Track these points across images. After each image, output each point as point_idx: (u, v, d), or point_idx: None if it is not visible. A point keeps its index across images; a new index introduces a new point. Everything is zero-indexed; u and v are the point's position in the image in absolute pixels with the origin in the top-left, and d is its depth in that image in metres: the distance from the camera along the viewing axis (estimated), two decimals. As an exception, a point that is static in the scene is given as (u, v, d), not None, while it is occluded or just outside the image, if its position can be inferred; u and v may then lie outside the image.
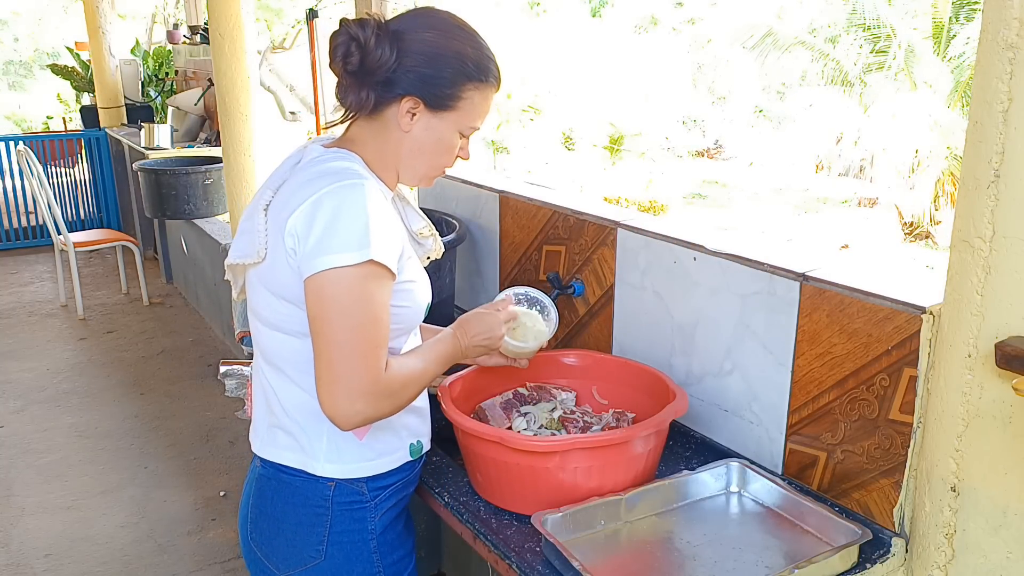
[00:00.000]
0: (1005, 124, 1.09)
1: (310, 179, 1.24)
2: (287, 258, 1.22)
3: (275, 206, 1.27)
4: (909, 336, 1.29)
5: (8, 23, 20.01)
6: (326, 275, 1.18)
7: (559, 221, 2.03)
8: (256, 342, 1.37)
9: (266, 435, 1.38)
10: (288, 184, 1.28)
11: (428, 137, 1.31)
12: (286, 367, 1.32)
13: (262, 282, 1.29)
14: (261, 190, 1.33)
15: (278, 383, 1.34)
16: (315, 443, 1.32)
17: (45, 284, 6.33)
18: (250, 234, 1.29)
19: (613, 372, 1.71)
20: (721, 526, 1.40)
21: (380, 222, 1.21)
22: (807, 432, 1.49)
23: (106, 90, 7.30)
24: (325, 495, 1.33)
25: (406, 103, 1.27)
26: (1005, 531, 1.21)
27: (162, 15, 13.78)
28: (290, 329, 1.28)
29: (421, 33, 1.27)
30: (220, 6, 3.88)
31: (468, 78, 1.29)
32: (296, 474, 1.34)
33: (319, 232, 1.18)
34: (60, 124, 11.16)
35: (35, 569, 2.86)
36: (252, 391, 1.48)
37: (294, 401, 1.32)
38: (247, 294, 1.37)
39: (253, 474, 1.42)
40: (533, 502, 1.38)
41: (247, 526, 1.41)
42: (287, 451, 1.34)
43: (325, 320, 1.19)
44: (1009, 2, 1.06)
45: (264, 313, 1.31)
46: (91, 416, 4.05)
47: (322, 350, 1.19)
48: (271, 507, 1.37)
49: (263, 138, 4.13)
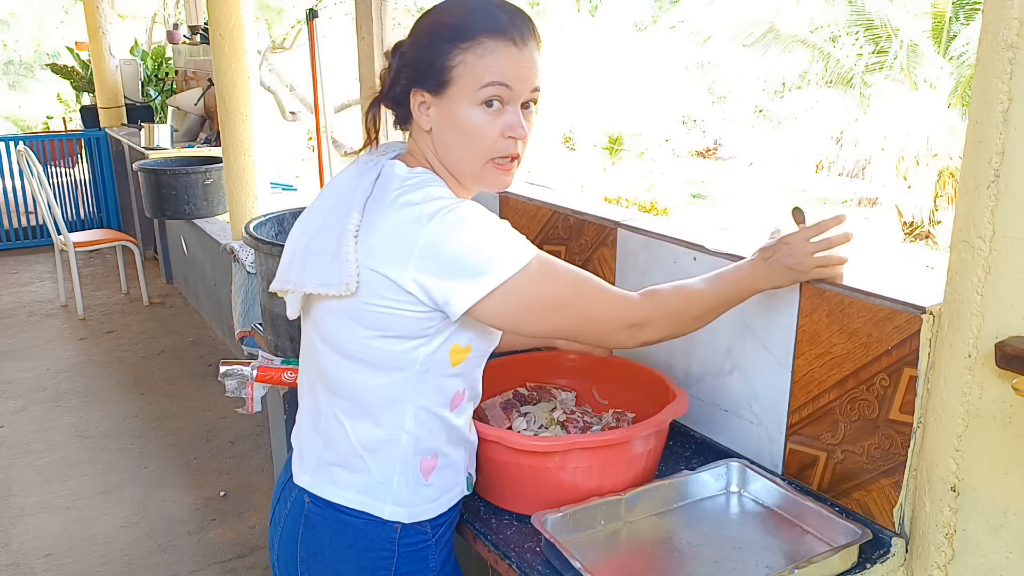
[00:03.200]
0: (1005, 124, 1.09)
1: (407, 217, 1.14)
2: (404, 298, 1.14)
3: (366, 235, 1.16)
4: (909, 336, 1.29)
5: (8, 23, 20.01)
6: (496, 297, 1.13)
7: (559, 221, 2.03)
8: (320, 368, 1.27)
9: (322, 472, 1.29)
10: (376, 213, 1.17)
11: (446, 125, 1.20)
12: (365, 403, 1.24)
13: (351, 316, 1.19)
14: (341, 204, 1.21)
15: (354, 417, 1.25)
16: (384, 485, 1.25)
17: (45, 284, 6.33)
18: (335, 260, 1.16)
19: (613, 372, 1.71)
20: (721, 526, 1.40)
21: (498, 227, 1.16)
22: (807, 432, 1.49)
23: (106, 90, 7.30)
24: (391, 538, 1.27)
25: (415, 99, 1.22)
26: (1005, 531, 1.21)
27: (162, 15, 13.78)
28: (382, 363, 1.20)
29: (414, 30, 1.23)
30: (220, 6, 3.88)
31: (450, 42, 1.16)
32: (359, 515, 1.26)
33: (451, 258, 1.11)
34: (60, 124, 11.17)
35: (35, 569, 2.86)
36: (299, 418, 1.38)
37: (368, 438, 1.25)
38: (315, 318, 1.26)
39: (299, 510, 1.31)
40: (533, 502, 1.38)
41: (295, 565, 1.32)
42: (350, 491, 1.26)
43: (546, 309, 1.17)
44: (1009, 2, 1.06)
45: (346, 345, 1.21)
46: (91, 416, 4.05)
47: (571, 322, 1.21)
48: (329, 549, 1.28)
49: (263, 138, 4.13)
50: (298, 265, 1.24)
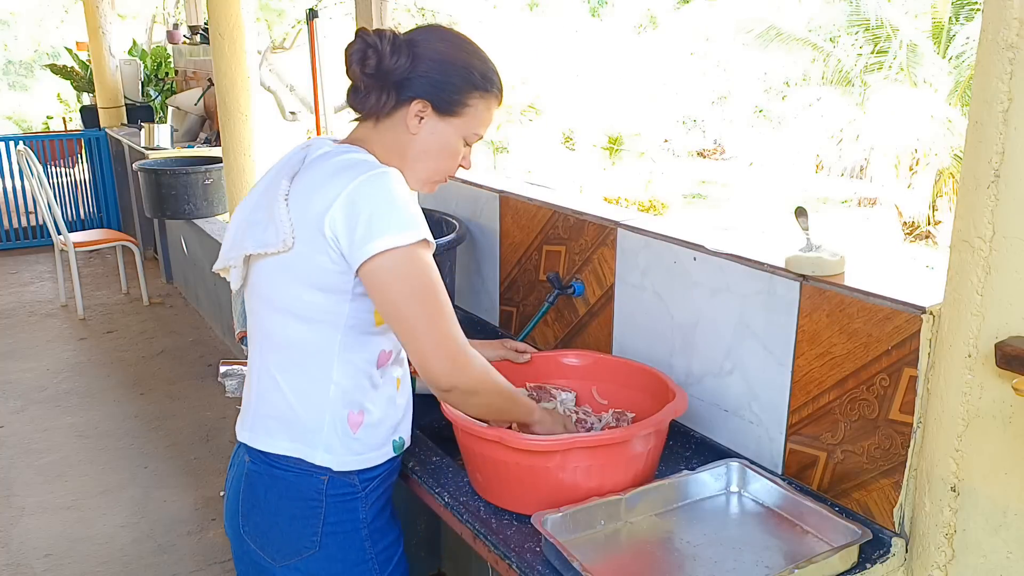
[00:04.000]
0: (1005, 124, 1.09)
1: (336, 170, 1.28)
2: (326, 248, 1.26)
3: (296, 196, 1.29)
4: (909, 336, 1.29)
5: (8, 23, 20.01)
6: (389, 255, 1.23)
7: (559, 221, 2.03)
8: (262, 329, 1.38)
9: (258, 425, 1.40)
10: (306, 176, 1.31)
11: (434, 141, 1.37)
12: (298, 354, 1.34)
13: (286, 271, 1.30)
14: (272, 180, 1.35)
15: (285, 370, 1.36)
16: (314, 433, 1.35)
17: (45, 284, 6.33)
18: (269, 224, 1.30)
19: (613, 372, 1.71)
20: (721, 526, 1.40)
21: (415, 205, 1.27)
22: (807, 432, 1.49)
23: (106, 90, 7.30)
24: (319, 488, 1.37)
25: (415, 106, 1.34)
26: (1005, 531, 1.21)
27: (162, 15, 13.78)
28: (311, 316, 1.31)
29: (433, 43, 1.35)
30: (220, 6, 3.89)
31: (475, 87, 1.36)
32: (289, 468, 1.37)
33: (367, 218, 1.23)
34: (60, 124, 11.17)
35: (35, 569, 2.86)
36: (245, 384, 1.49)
37: (300, 388, 1.35)
38: (255, 283, 1.37)
39: (240, 469, 1.43)
40: (533, 502, 1.38)
41: (238, 520, 1.44)
42: (284, 440, 1.37)
43: (404, 294, 1.24)
44: (1009, 2, 1.06)
45: (283, 301, 1.33)
46: (91, 416, 4.05)
47: (410, 322, 1.25)
48: (264, 502, 1.39)
49: (263, 138, 4.13)
50: (238, 241, 1.37)
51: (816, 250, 1.47)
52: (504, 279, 2.28)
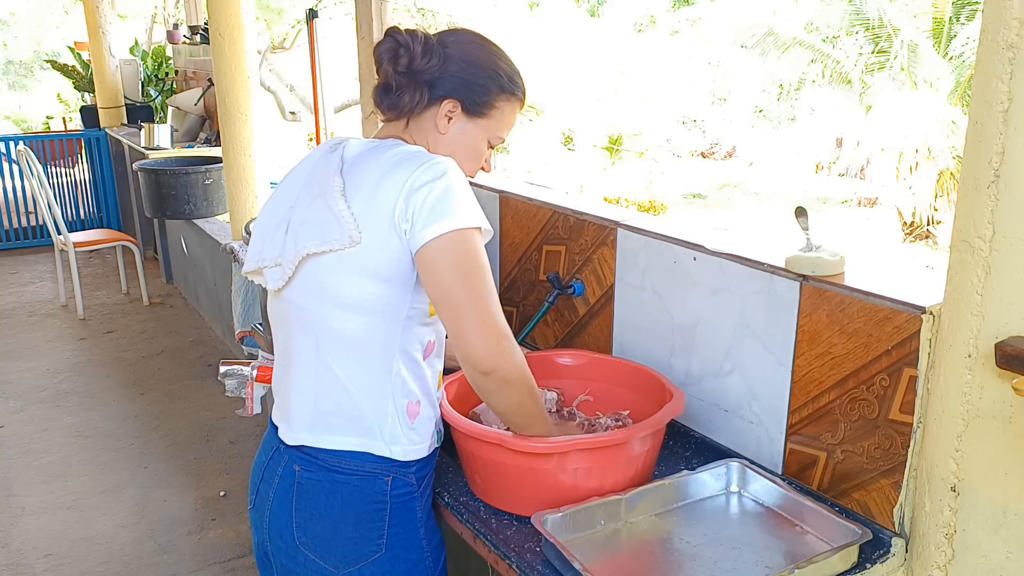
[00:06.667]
0: (1005, 124, 1.09)
1: (396, 162, 1.29)
2: (394, 239, 1.27)
3: (355, 191, 1.29)
4: (909, 336, 1.29)
5: (8, 23, 20.01)
6: (444, 239, 1.24)
7: (559, 221, 2.03)
8: (314, 327, 1.34)
9: (319, 424, 1.37)
10: (361, 171, 1.31)
11: (461, 141, 1.40)
12: (360, 348, 1.33)
13: (350, 265, 1.29)
14: (314, 180, 1.35)
15: (347, 365, 1.34)
16: (380, 426, 1.35)
17: (45, 284, 6.33)
18: (330, 221, 1.29)
19: (610, 372, 1.71)
20: (721, 526, 1.40)
21: (471, 193, 1.30)
22: (807, 432, 1.49)
23: (106, 90, 7.30)
24: (383, 490, 1.36)
25: (446, 105, 1.37)
26: (1005, 531, 1.21)
27: (162, 15, 13.79)
28: (375, 308, 1.31)
29: (463, 45, 1.38)
30: (220, 6, 3.88)
31: (502, 89, 1.40)
32: (352, 472, 1.35)
33: (430, 205, 1.24)
34: (60, 124, 11.16)
35: (35, 569, 2.86)
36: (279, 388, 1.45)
37: (363, 382, 1.34)
38: (306, 282, 1.33)
39: (290, 479, 1.39)
40: (532, 503, 1.37)
41: (291, 530, 1.38)
42: (349, 436, 1.35)
43: (454, 275, 1.25)
44: (1009, 2, 1.06)
45: (347, 296, 1.31)
46: (91, 416, 4.05)
47: (458, 301, 1.25)
48: (326, 508, 1.36)
49: (263, 138, 4.13)
50: (278, 242, 1.35)
51: (816, 250, 1.47)
52: (504, 279, 2.28)
